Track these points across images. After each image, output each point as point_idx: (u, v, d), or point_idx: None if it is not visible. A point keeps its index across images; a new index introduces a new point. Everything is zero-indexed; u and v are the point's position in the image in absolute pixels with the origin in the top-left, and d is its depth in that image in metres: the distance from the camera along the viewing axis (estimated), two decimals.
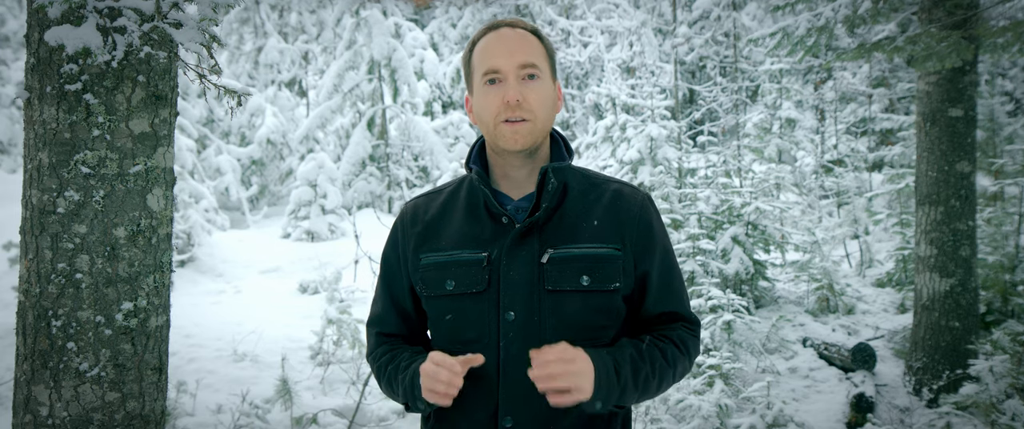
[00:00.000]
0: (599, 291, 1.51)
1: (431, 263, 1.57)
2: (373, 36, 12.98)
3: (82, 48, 2.06)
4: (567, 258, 1.51)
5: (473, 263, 1.52)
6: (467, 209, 1.60)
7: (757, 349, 5.75)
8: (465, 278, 1.52)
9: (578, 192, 1.59)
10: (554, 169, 1.55)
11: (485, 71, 1.53)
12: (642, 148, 8.49)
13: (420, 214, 1.64)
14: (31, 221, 2.23)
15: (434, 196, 1.67)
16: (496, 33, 1.56)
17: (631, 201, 1.60)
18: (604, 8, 15.84)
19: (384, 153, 13.48)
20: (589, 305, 1.51)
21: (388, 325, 1.67)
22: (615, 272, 1.52)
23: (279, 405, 5.00)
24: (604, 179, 1.65)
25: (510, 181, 1.60)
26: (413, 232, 1.62)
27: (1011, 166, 8.11)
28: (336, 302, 6.33)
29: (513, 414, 1.48)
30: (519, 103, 1.50)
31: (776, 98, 11.96)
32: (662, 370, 1.53)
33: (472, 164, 1.61)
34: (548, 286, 1.50)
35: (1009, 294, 5.90)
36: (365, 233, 8.60)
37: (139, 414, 2.32)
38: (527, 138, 1.52)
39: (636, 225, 1.57)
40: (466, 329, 1.52)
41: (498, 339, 1.50)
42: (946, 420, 4.31)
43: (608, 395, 1.44)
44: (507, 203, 1.59)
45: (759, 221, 6.95)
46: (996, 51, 5.00)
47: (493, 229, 1.55)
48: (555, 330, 1.49)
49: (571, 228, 1.54)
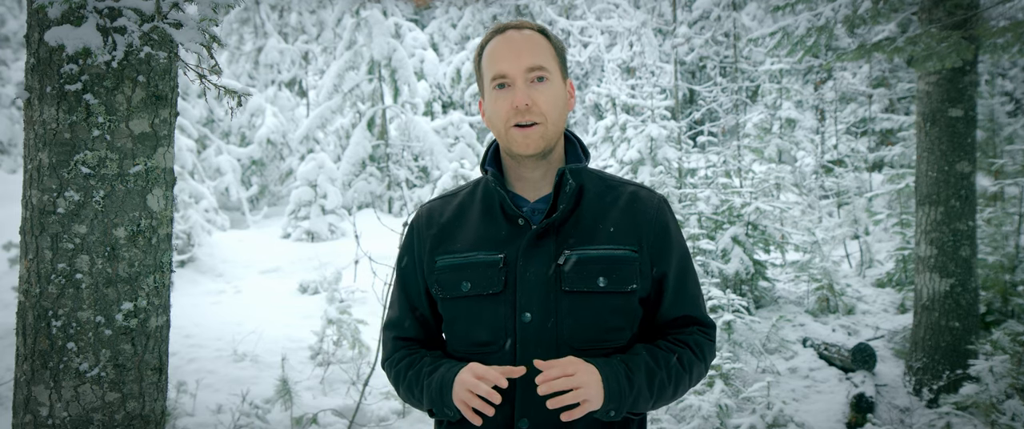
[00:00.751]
0: (616, 292, 1.50)
1: (447, 265, 1.56)
2: (373, 36, 12.98)
3: (82, 48, 2.06)
4: (584, 259, 1.50)
5: (489, 264, 1.52)
6: (483, 211, 1.59)
7: (757, 349, 5.75)
8: (481, 279, 1.52)
9: (594, 194, 1.58)
10: (571, 171, 1.55)
11: (493, 76, 1.53)
12: (642, 148, 8.49)
13: (435, 217, 1.64)
14: (31, 221, 2.23)
15: (449, 199, 1.67)
16: (503, 36, 1.55)
17: (648, 203, 1.60)
18: (604, 8, 15.85)
19: (384, 153, 13.48)
20: (606, 306, 1.50)
21: (405, 329, 1.66)
22: (632, 274, 1.52)
23: (279, 405, 5.00)
24: (620, 181, 1.64)
25: (525, 182, 1.60)
26: (429, 235, 1.61)
27: (1011, 166, 8.11)
28: (336, 302, 6.33)
29: (529, 416, 1.48)
30: (528, 107, 1.50)
31: (776, 98, 11.96)
32: (678, 375, 1.53)
33: (487, 166, 1.61)
34: (565, 287, 1.49)
35: (1009, 294, 5.90)
36: (365, 233, 8.60)
37: (139, 414, 2.32)
38: (539, 142, 1.52)
39: (653, 227, 1.57)
40: (482, 330, 1.52)
41: (515, 340, 1.49)
42: (946, 420, 4.31)
43: (621, 402, 1.43)
44: (523, 205, 1.59)
45: (759, 221, 6.95)
46: (996, 51, 5.00)
47: (509, 230, 1.54)
48: (572, 331, 1.49)
49: (588, 230, 1.54)
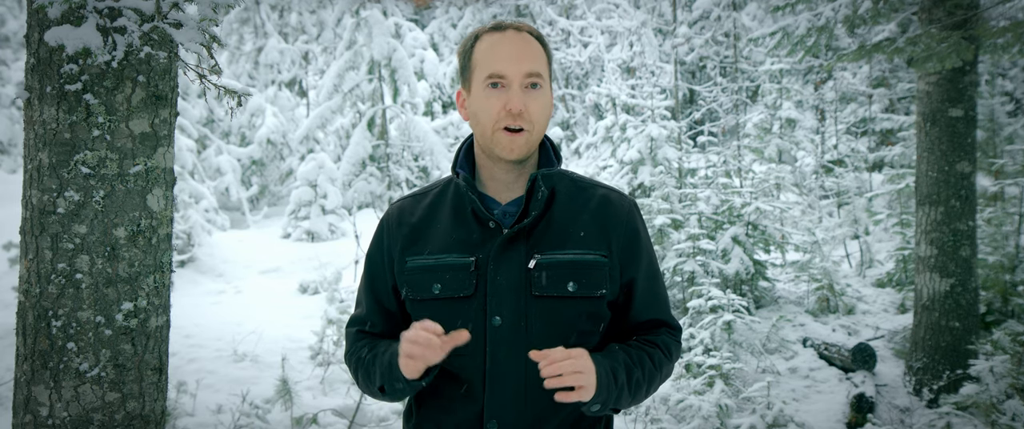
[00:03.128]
0: (585, 297, 1.51)
1: (418, 266, 1.56)
2: (373, 36, 12.98)
3: (82, 48, 2.06)
4: (554, 264, 1.51)
5: (460, 267, 1.52)
6: (454, 213, 1.59)
7: (757, 349, 5.75)
8: (452, 282, 1.52)
9: (566, 197, 1.59)
10: (544, 176, 1.55)
11: (489, 74, 1.52)
12: (642, 148, 8.49)
13: (405, 216, 1.63)
14: (31, 221, 2.23)
15: (420, 198, 1.66)
16: (503, 35, 1.54)
17: (619, 208, 1.60)
18: (604, 8, 15.84)
19: (384, 153, 13.48)
20: (575, 311, 1.51)
21: (371, 326, 1.66)
22: (601, 278, 1.53)
23: (279, 405, 5.00)
24: (591, 184, 1.65)
25: (498, 184, 1.59)
26: (399, 234, 1.61)
27: (1011, 166, 8.10)
28: (336, 302, 6.34)
29: (499, 418, 1.49)
30: (521, 113, 1.50)
31: (776, 98, 11.95)
32: (651, 374, 1.55)
33: (459, 168, 1.60)
34: (535, 292, 1.50)
35: (1009, 294, 5.90)
36: (365, 233, 8.61)
37: (139, 414, 2.32)
38: (524, 148, 1.52)
39: (623, 232, 1.58)
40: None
41: (485, 344, 1.50)
42: (946, 420, 4.31)
43: (607, 397, 1.45)
44: (494, 207, 1.58)
45: (759, 221, 6.95)
46: (996, 51, 5.00)
47: (481, 234, 1.54)
48: (541, 335, 1.49)
49: (558, 234, 1.54)
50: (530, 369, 1.46)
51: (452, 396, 1.53)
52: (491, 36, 1.55)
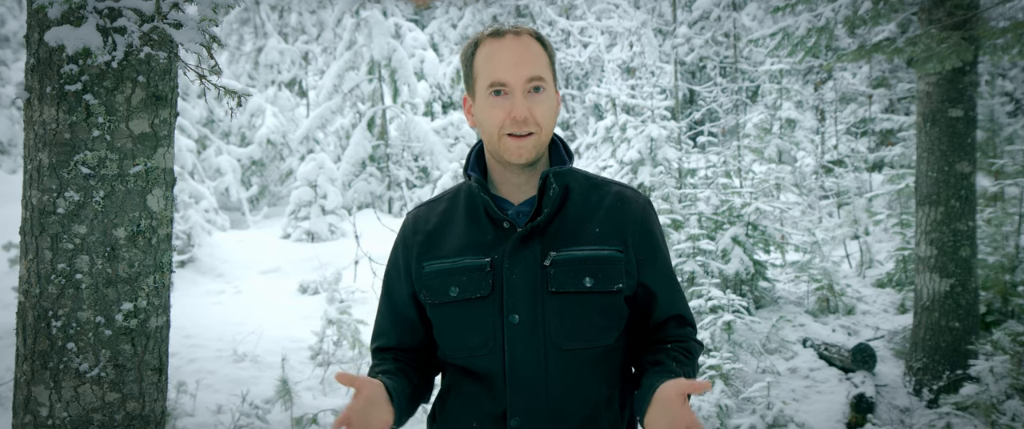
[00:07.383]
0: (602, 292, 1.52)
1: (435, 271, 1.57)
2: (373, 36, 12.98)
3: (82, 48, 2.06)
4: (569, 260, 1.51)
5: (476, 268, 1.53)
6: (468, 215, 1.60)
7: (757, 349, 5.75)
8: (469, 284, 1.53)
9: (580, 194, 1.60)
10: (555, 173, 1.55)
11: (491, 82, 1.52)
12: (642, 148, 8.49)
13: (421, 224, 1.65)
14: (31, 221, 2.23)
15: (434, 205, 1.68)
16: (502, 42, 1.54)
17: (633, 204, 1.61)
18: (604, 8, 15.84)
19: (384, 153, 13.48)
20: (592, 306, 1.52)
21: (387, 338, 1.67)
22: (618, 273, 1.53)
23: (279, 405, 5.00)
24: (605, 181, 1.65)
25: (510, 185, 1.60)
26: (415, 242, 1.63)
27: (1011, 166, 8.10)
28: (336, 302, 6.33)
29: (520, 415, 1.50)
30: (526, 119, 1.50)
31: (776, 98, 11.95)
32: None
33: (470, 171, 1.61)
34: (551, 288, 1.51)
35: (1009, 294, 5.90)
36: (365, 233, 8.60)
37: (139, 414, 2.32)
38: (532, 151, 1.53)
39: (639, 228, 1.58)
40: (471, 334, 1.54)
41: (503, 342, 1.51)
42: (946, 420, 4.31)
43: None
44: (507, 207, 1.59)
45: (759, 221, 6.95)
46: (996, 52, 5.00)
47: (495, 234, 1.55)
48: (559, 332, 1.50)
49: (573, 231, 1.55)
50: (549, 365, 1.48)
51: (476, 394, 1.55)
52: (490, 43, 1.55)
